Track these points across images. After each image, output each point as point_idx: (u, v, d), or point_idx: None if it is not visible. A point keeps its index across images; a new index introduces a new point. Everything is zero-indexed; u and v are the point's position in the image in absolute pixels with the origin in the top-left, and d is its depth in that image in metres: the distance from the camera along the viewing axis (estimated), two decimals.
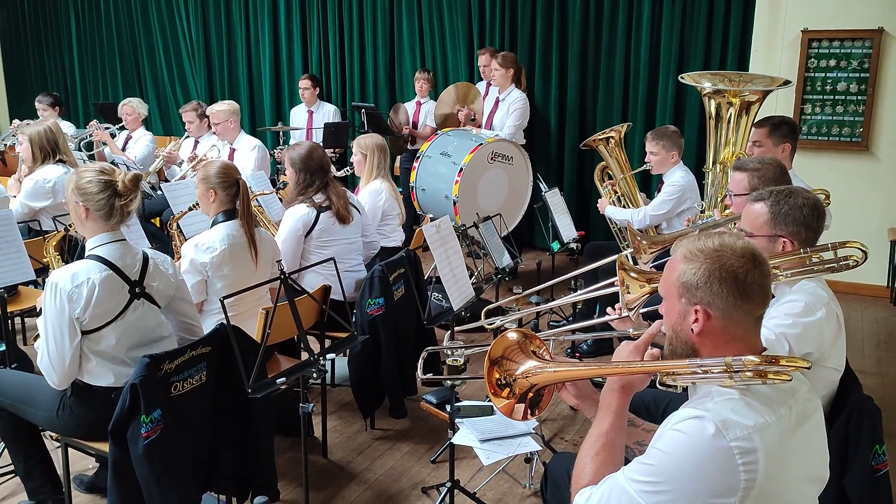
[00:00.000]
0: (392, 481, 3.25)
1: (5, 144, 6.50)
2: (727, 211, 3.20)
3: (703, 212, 3.99)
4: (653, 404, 2.59)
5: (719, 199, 3.79)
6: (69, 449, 2.71)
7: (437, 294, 4.21)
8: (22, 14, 9.63)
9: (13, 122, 6.56)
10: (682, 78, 4.00)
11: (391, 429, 3.70)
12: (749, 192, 2.75)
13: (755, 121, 3.74)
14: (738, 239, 1.57)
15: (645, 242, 2.92)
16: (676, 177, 4.39)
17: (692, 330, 1.55)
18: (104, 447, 2.52)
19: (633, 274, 2.30)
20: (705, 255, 1.54)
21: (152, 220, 5.81)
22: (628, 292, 2.30)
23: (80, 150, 6.28)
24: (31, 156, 4.47)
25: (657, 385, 1.59)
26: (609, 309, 2.38)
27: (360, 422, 3.72)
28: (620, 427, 1.65)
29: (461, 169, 5.49)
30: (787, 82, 3.93)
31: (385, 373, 3.58)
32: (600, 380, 2.29)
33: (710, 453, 1.43)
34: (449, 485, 2.88)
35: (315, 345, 3.17)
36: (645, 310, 2.33)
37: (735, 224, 2.75)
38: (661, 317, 1.79)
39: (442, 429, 3.60)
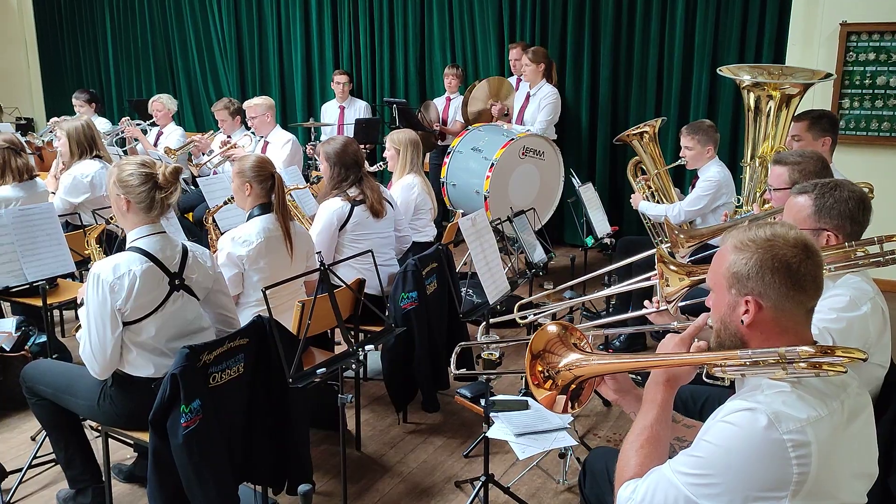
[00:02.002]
0: (425, 475, 3.26)
1: (43, 140, 6.61)
2: (766, 206, 3.15)
3: (739, 207, 3.94)
4: (690, 399, 2.56)
5: (758, 194, 3.74)
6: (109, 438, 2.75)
7: (467, 290, 4.21)
8: (58, 12, 9.80)
9: (51, 118, 6.68)
10: (720, 71, 3.95)
11: (424, 423, 3.70)
12: (789, 187, 2.71)
13: (795, 115, 3.69)
14: (790, 229, 1.54)
15: (682, 236, 2.89)
16: (712, 172, 4.34)
17: (742, 321, 1.53)
18: (144, 436, 2.54)
19: (672, 267, 2.28)
20: (757, 244, 1.51)
21: (186, 216, 5.88)
22: (667, 285, 2.27)
23: (113, 145, 6.38)
24: (69, 151, 4.55)
25: (704, 378, 1.57)
26: (646, 302, 2.36)
27: (393, 415, 3.73)
28: (665, 421, 1.64)
29: (492, 164, 5.48)
30: (828, 75, 3.86)
31: (418, 367, 3.58)
32: (635, 376, 2.27)
33: (762, 446, 1.40)
34: (483, 479, 2.87)
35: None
36: (684, 303, 2.31)
37: (775, 218, 2.71)
38: (701, 310, 1.76)
39: (474, 423, 3.60)
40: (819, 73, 3.96)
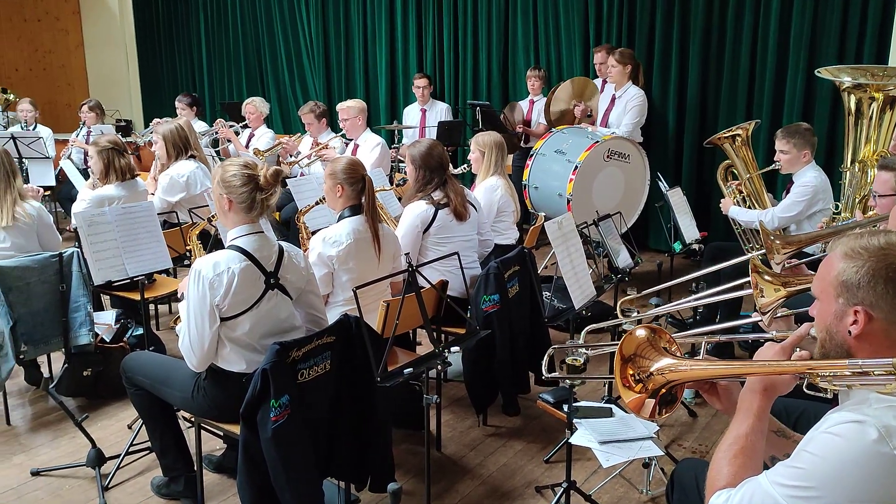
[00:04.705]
0: (505, 478, 3.25)
1: (144, 140, 6.94)
2: (871, 212, 3.01)
3: (837, 213, 3.78)
4: (784, 413, 2.46)
5: (857, 201, 3.58)
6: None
7: (552, 294, 4.17)
8: (156, 19, 10.26)
9: (150, 120, 7.00)
10: (818, 72, 3.80)
11: (504, 426, 3.70)
12: (895, 193, 2.59)
13: None
14: None
15: (778, 242, 2.78)
16: (808, 177, 4.17)
17: (850, 332, 1.47)
18: (234, 429, 2.63)
19: (766, 277, 2.20)
20: (870, 253, 1.45)
21: (273, 215, 6.05)
22: (762, 296, 2.20)
23: (207, 146, 6.63)
24: (166, 153, 4.76)
25: (804, 389, 1.51)
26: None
27: (473, 417, 3.73)
28: (760, 431, 1.58)
29: (576, 167, 5.42)
30: None
31: (499, 369, 3.57)
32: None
33: (870, 460, 1.34)
34: (565, 485, 2.84)
35: (425, 339, 3.19)
36: (791, 312, 2.22)
37: (879, 226, 2.58)
38: (806, 319, 1.69)
39: (555, 429, 3.57)
40: None
